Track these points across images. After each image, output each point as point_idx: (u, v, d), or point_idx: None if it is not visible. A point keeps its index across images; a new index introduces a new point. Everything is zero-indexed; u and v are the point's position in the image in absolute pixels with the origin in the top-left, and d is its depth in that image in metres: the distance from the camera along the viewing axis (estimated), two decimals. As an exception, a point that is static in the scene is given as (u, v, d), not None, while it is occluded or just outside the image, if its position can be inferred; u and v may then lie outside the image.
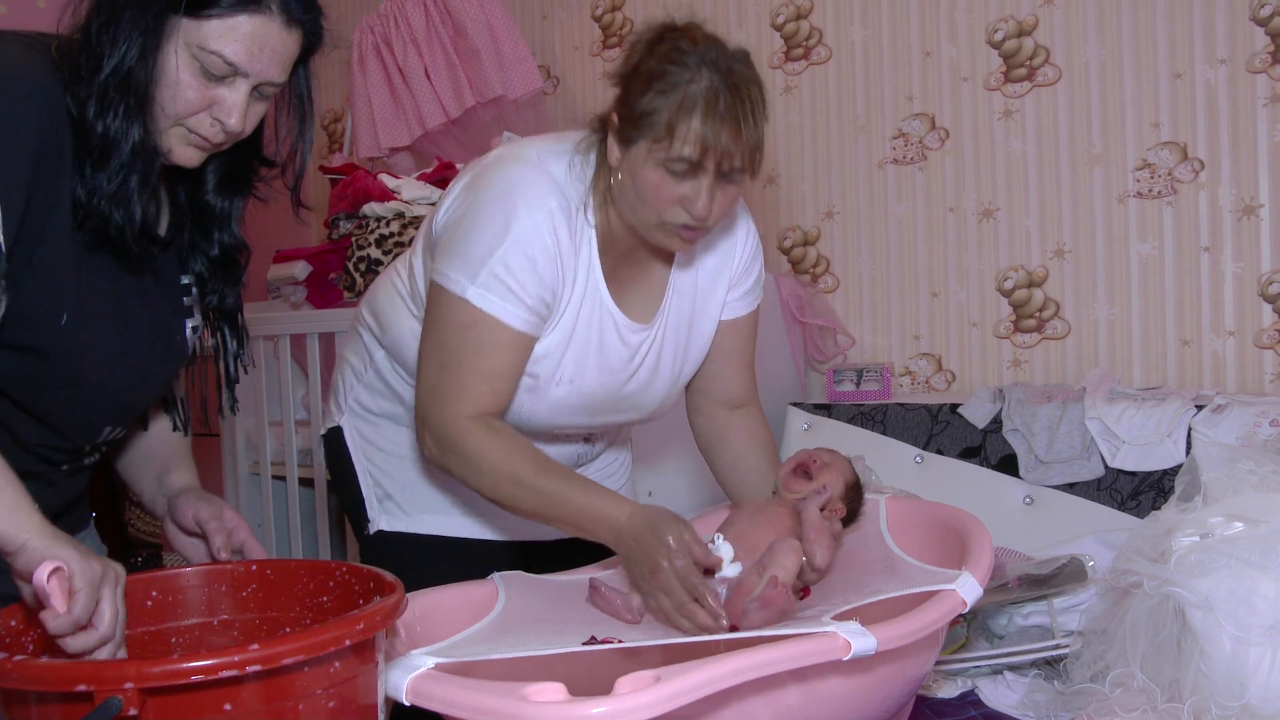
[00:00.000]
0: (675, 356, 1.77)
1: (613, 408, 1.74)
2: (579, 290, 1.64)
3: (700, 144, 1.48)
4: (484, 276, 1.55)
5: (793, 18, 3.23)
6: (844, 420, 2.77)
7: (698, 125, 1.48)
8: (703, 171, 1.51)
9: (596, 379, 1.68)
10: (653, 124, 1.50)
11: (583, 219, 1.62)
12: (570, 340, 1.65)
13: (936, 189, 3.04)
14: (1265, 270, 2.65)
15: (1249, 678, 1.47)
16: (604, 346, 1.67)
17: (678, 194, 1.52)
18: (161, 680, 0.93)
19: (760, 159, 1.57)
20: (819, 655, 1.22)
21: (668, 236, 1.58)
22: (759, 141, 1.54)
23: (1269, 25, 2.61)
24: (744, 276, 1.81)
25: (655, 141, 1.50)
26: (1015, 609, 1.97)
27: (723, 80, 1.51)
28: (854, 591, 1.53)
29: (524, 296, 1.56)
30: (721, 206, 1.55)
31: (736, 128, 1.50)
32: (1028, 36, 2.91)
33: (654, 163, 1.51)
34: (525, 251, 1.55)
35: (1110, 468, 2.44)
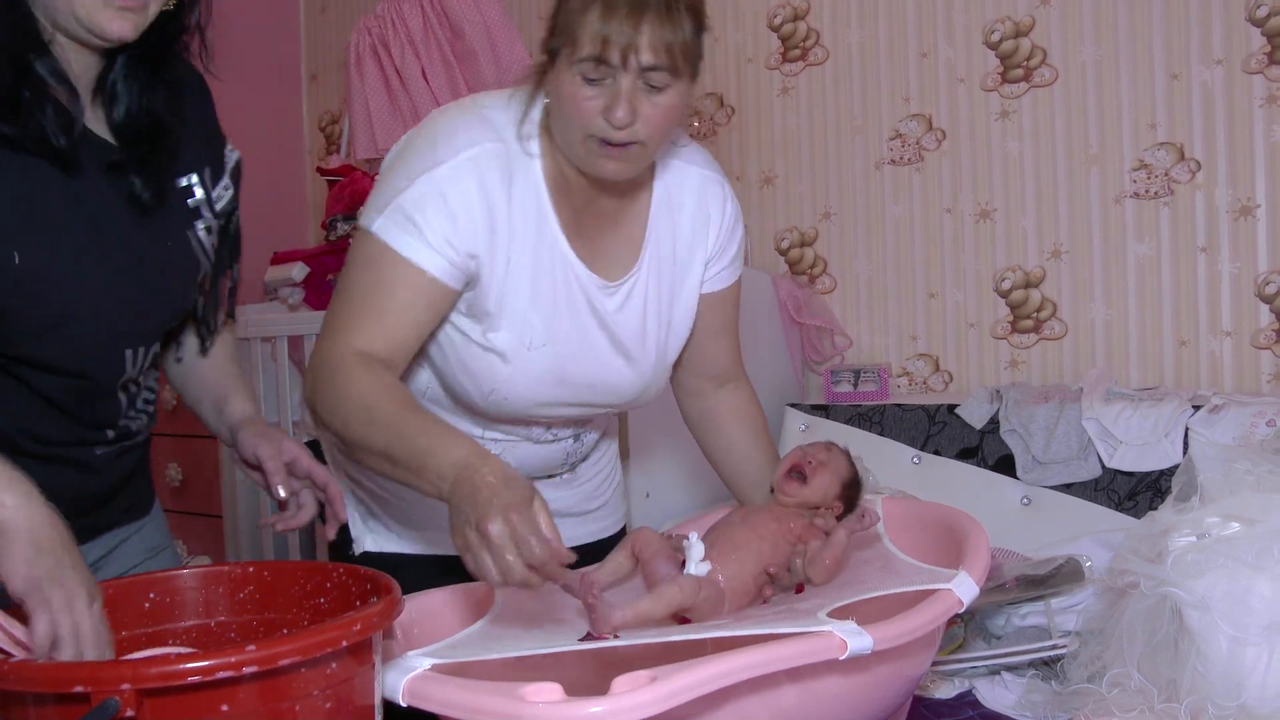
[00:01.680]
0: (659, 326, 1.69)
1: (597, 381, 1.65)
2: (529, 242, 1.54)
3: (601, 40, 1.39)
4: (390, 210, 1.48)
5: (790, 19, 3.24)
6: (841, 421, 2.77)
7: (596, 19, 1.39)
8: (616, 72, 1.41)
9: (572, 342, 1.60)
10: (564, 27, 1.43)
11: (524, 158, 1.53)
12: (533, 298, 1.56)
13: (933, 190, 3.05)
14: (1262, 270, 2.66)
15: (1246, 678, 1.46)
16: (573, 305, 1.59)
17: (595, 103, 1.43)
18: (158, 681, 0.93)
19: (685, 59, 1.44)
20: (815, 654, 1.22)
21: (593, 157, 1.48)
22: (678, 39, 1.41)
23: (1265, 26, 2.62)
24: (725, 248, 1.74)
25: (567, 47, 1.43)
26: (1013, 609, 1.97)
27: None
28: (850, 589, 1.53)
29: (431, 237, 1.47)
30: (652, 119, 1.44)
31: (638, 19, 1.39)
32: (1024, 37, 2.91)
33: (568, 70, 1.43)
34: (439, 192, 1.47)
35: (1107, 468, 2.44)
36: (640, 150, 1.48)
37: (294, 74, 4.32)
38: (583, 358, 1.62)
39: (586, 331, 1.61)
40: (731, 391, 1.85)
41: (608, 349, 1.64)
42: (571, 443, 1.78)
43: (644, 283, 1.65)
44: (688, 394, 1.86)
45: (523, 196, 1.53)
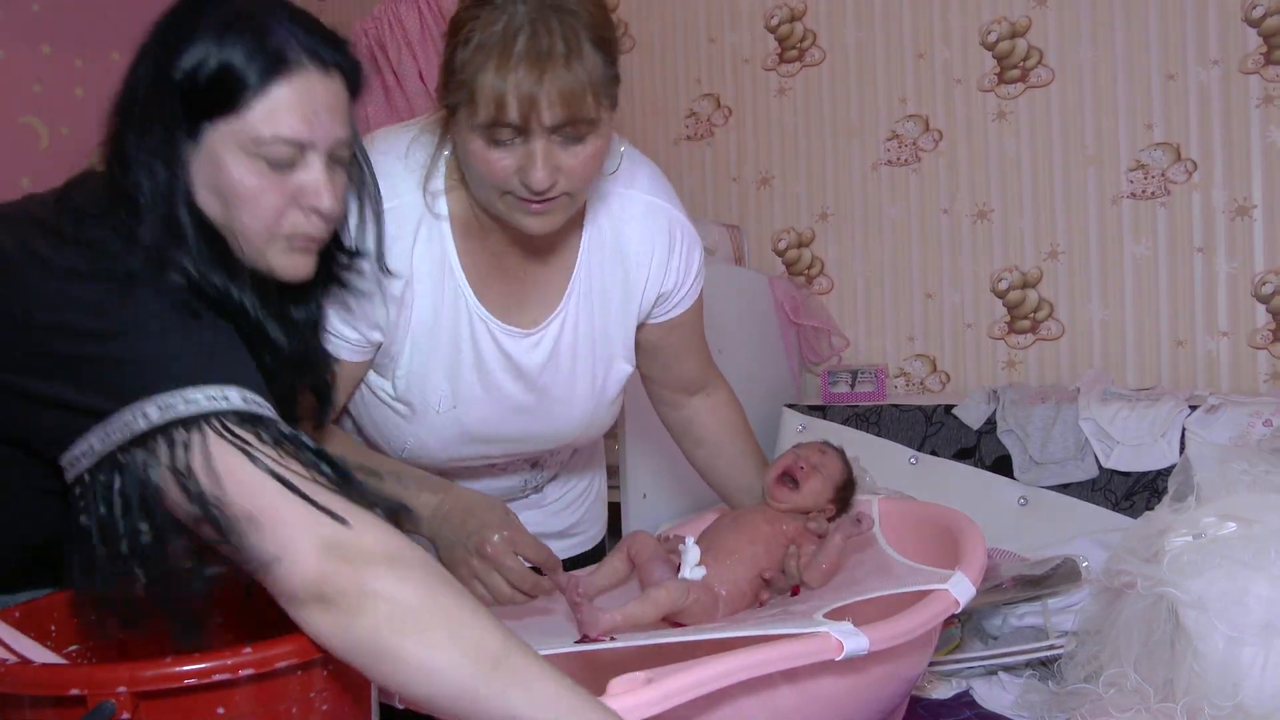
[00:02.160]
0: (594, 364, 1.57)
1: (520, 433, 1.57)
2: (430, 302, 1.44)
3: (496, 103, 1.23)
4: None
5: (786, 20, 3.24)
6: (838, 421, 2.77)
7: (491, 79, 1.23)
8: (524, 133, 1.26)
9: (483, 404, 1.51)
10: (457, 86, 1.27)
11: (428, 218, 1.42)
12: (438, 361, 1.47)
13: (930, 190, 3.05)
14: (1259, 271, 2.66)
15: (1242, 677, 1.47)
16: (481, 362, 1.49)
17: (507, 165, 1.29)
18: (154, 684, 0.93)
19: (599, 100, 1.28)
20: (811, 655, 1.22)
21: (514, 213, 1.34)
22: (582, 82, 1.24)
23: (1262, 26, 2.62)
24: (684, 278, 1.61)
25: (465, 107, 1.27)
26: (1010, 610, 1.97)
27: (529, 10, 1.24)
28: (846, 590, 1.53)
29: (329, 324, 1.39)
30: (574, 170, 1.31)
31: (539, 72, 1.22)
32: (1021, 38, 2.91)
33: (472, 132, 1.28)
34: None
35: (1104, 468, 2.44)
36: (567, 201, 1.36)
37: (291, 76, 4.32)
38: (496, 413, 1.53)
39: (498, 384, 1.51)
40: (706, 397, 1.80)
41: (527, 399, 1.54)
42: (528, 470, 1.72)
43: (571, 324, 1.53)
44: (663, 404, 1.81)
45: (425, 250, 1.43)
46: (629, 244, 1.55)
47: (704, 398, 1.80)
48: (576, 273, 1.52)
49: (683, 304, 1.65)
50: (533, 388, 1.54)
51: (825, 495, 1.69)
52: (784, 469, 1.69)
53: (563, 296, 1.52)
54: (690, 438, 1.82)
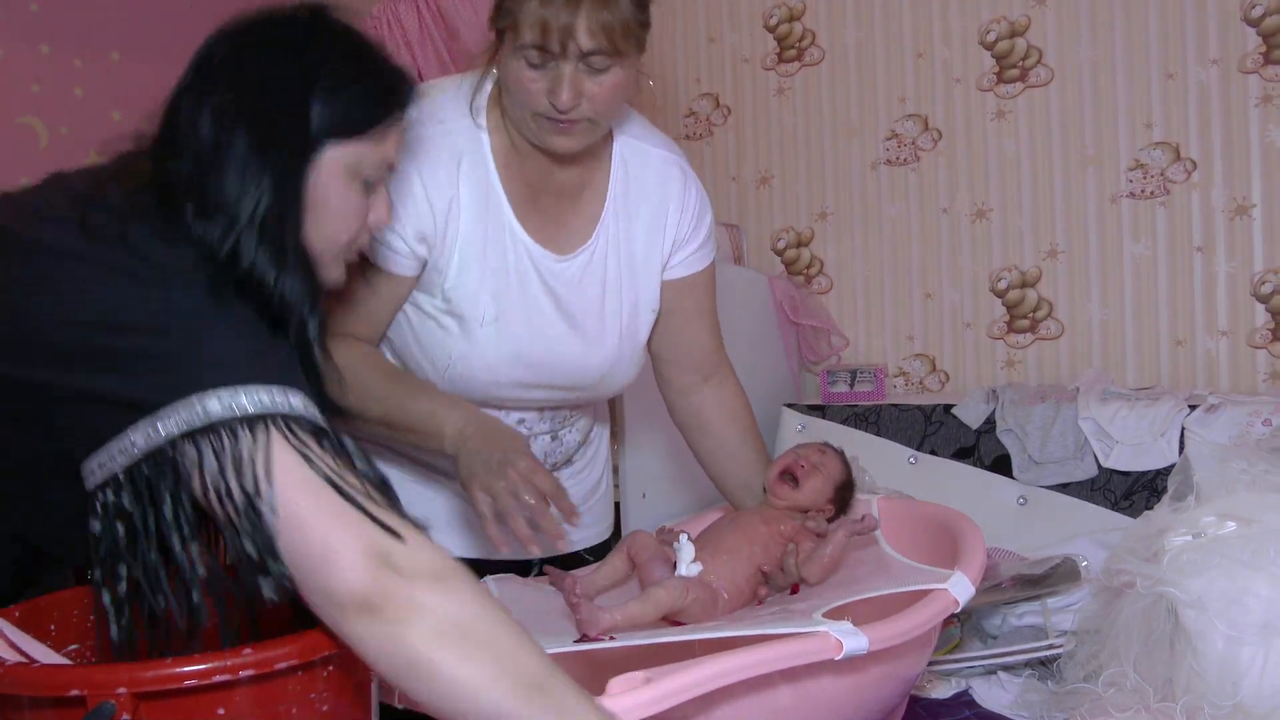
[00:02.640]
0: (620, 303, 1.68)
1: (554, 360, 1.65)
2: (476, 219, 1.58)
3: (540, 27, 1.41)
4: None
5: (786, 19, 3.24)
6: (838, 421, 2.78)
7: (535, 5, 1.41)
8: (557, 57, 1.43)
9: (522, 317, 1.61)
10: (507, 10, 1.45)
11: (473, 142, 1.57)
12: (482, 274, 1.58)
13: (930, 190, 3.05)
14: (1258, 270, 2.66)
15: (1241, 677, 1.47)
16: (523, 279, 1.61)
17: (539, 86, 1.46)
18: (154, 685, 0.93)
19: (626, 39, 1.46)
20: (811, 655, 1.22)
21: (543, 132, 1.51)
22: (616, 20, 1.44)
23: (1260, 26, 2.62)
24: (694, 232, 1.73)
25: (510, 32, 1.45)
26: (1009, 609, 1.97)
27: None
28: (845, 589, 1.53)
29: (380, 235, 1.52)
30: (597, 97, 1.48)
31: (575, 4, 1.41)
32: (1020, 37, 2.92)
33: (513, 55, 1.46)
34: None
35: (1104, 468, 2.44)
36: (589, 126, 1.52)
37: (290, 75, 4.33)
38: (535, 333, 1.62)
39: (539, 305, 1.62)
40: (717, 387, 1.82)
41: (562, 325, 1.64)
42: (549, 440, 1.77)
43: (600, 257, 1.66)
44: (673, 390, 1.84)
45: (470, 175, 1.57)
46: (651, 190, 1.70)
47: (714, 388, 1.82)
48: (606, 210, 1.66)
49: (692, 264, 1.75)
50: (565, 311, 1.64)
51: (825, 495, 1.69)
52: (785, 467, 1.69)
53: (593, 231, 1.65)
54: (696, 428, 1.84)
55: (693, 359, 1.80)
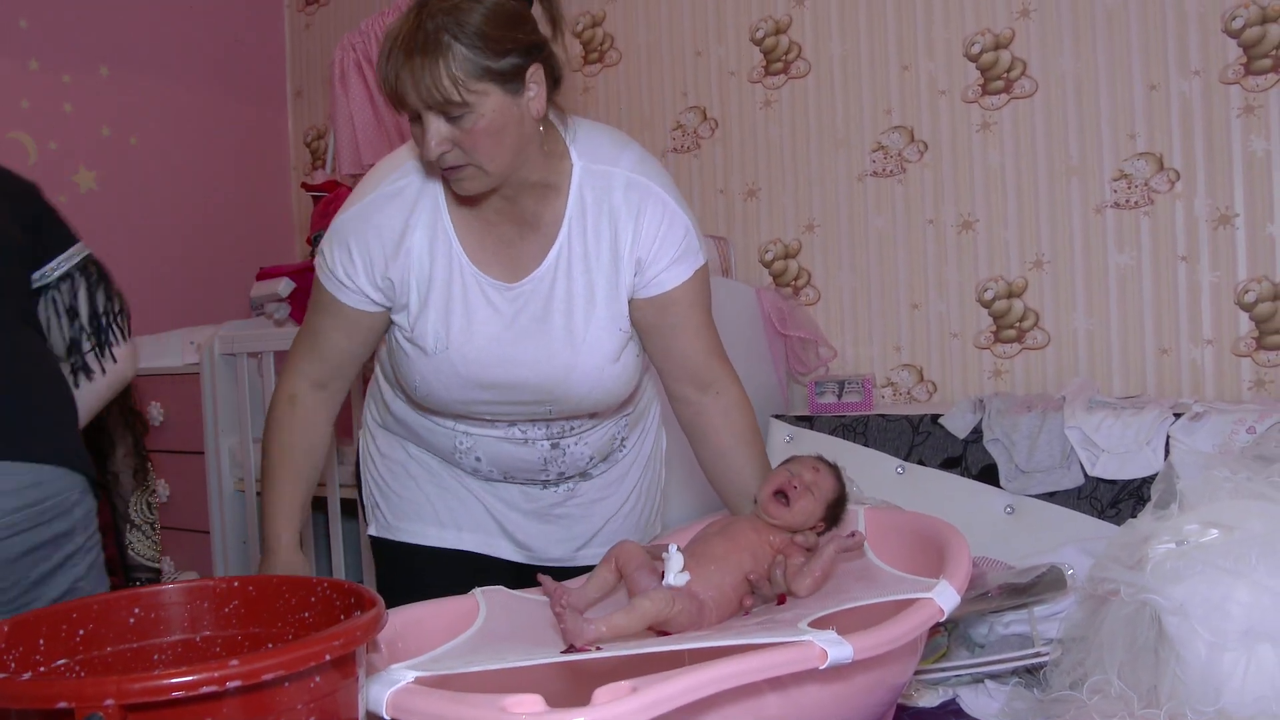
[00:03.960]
0: (575, 321, 1.71)
1: (516, 379, 1.72)
2: (428, 258, 1.70)
3: (389, 89, 1.52)
4: (322, 245, 1.75)
5: (772, 32, 3.26)
6: (826, 432, 2.79)
7: (384, 69, 1.51)
8: (416, 113, 1.52)
9: (472, 341, 1.71)
10: None
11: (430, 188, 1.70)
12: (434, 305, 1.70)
13: (916, 201, 3.07)
14: (1241, 279, 2.68)
15: (1224, 683, 1.48)
16: (470, 308, 1.71)
17: (420, 138, 1.55)
18: (142, 696, 0.94)
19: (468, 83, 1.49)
20: (795, 664, 1.23)
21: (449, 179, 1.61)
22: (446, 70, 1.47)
23: (1241, 37, 2.64)
24: (658, 255, 1.72)
25: None
26: (996, 618, 1.98)
27: (415, 12, 1.50)
28: (831, 598, 1.54)
29: (337, 271, 1.72)
30: (467, 142, 1.53)
31: (410, 61, 1.48)
32: (1004, 50, 2.93)
33: None
34: (343, 235, 1.70)
35: (1090, 476, 2.45)
36: (476, 171, 1.58)
37: (279, 90, 4.34)
38: (486, 355, 1.72)
39: (488, 330, 1.71)
40: (717, 397, 1.83)
41: (511, 346, 1.72)
42: (548, 448, 1.83)
43: (550, 281, 1.71)
44: (677, 401, 1.86)
45: (423, 219, 1.70)
46: (616, 212, 1.71)
47: (713, 397, 1.83)
48: (559, 239, 1.71)
49: (665, 281, 1.73)
50: (516, 332, 1.72)
51: (816, 514, 1.70)
52: (778, 486, 1.70)
53: (545, 257, 1.71)
54: (697, 437, 1.86)
55: (685, 370, 1.81)
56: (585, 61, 3.59)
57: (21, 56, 3.55)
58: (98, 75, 3.73)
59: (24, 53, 3.55)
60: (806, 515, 1.69)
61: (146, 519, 2.82)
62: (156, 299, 2.77)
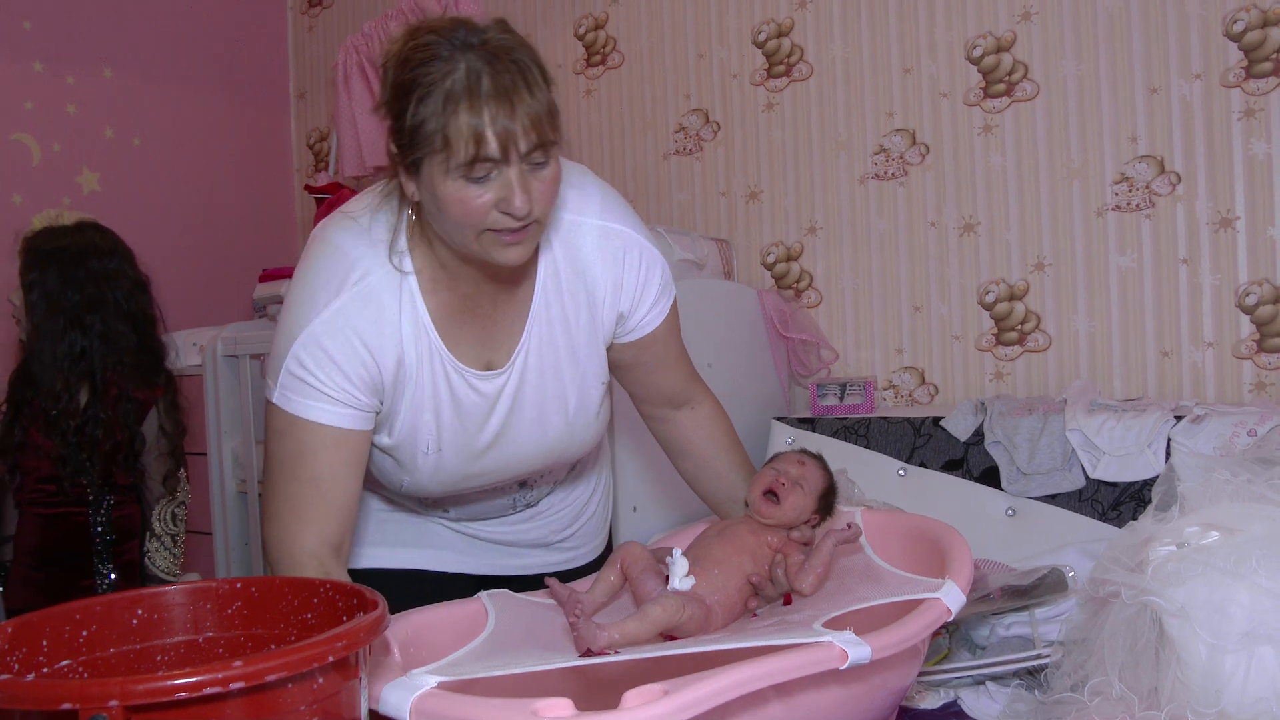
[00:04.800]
0: (572, 389, 1.64)
1: (504, 462, 1.64)
2: (410, 357, 1.52)
3: (476, 139, 1.32)
4: (282, 377, 1.47)
5: (774, 35, 3.26)
6: (827, 434, 2.79)
7: (467, 119, 1.32)
8: (501, 164, 1.35)
9: (462, 437, 1.58)
10: (426, 137, 1.35)
11: (397, 283, 1.50)
12: (420, 407, 1.55)
13: (918, 204, 3.07)
14: (1242, 282, 2.68)
15: (1225, 685, 1.48)
16: (458, 403, 1.57)
17: (486, 200, 1.36)
18: (146, 698, 0.94)
19: (553, 126, 1.38)
20: (817, 665, 1.22)
21: (493, 248, 1.41)
22: (543, 109, 1.35)
23: (1242, 40, 2.65)
24: (639, 303, 1.66)
25: (436, 154, 1.35)
26: (997, 620, 1.98)
27: (480, 57, 1.34)
28: (838, 599, 1.54)
29: (328, 389, 1.46)
30: (542, 194, 1.39)
31: (510, 104, 1.32)
32: (1006, 53, 2.94)
33: (447, 176, 1.36)
34: (319, 348, 1.45)
35: (1091, 479, 2.46)
36: (536, 229, 1.44)
37: (282, 93, 4.34)
38: (477, 447, 1.60)
39: (476, 421, 1.59)
40: (691, 411, 1.83)
41: (501, 431, 1.61)
42: (516, 489, 1.79)
43: (535, 353, 1.60)
44: (650, 419, 1.85)
45: (399, 318, 1.50)
46: (589, 267, 1.61)
47: (689, 411, 1.82)
48: (535, 303, 1.59)
49: (647, 324, 1.69)
50: (505, 417, 1.60)
51: (808, 508, 1.70)
52: (767, 486, 1.70)
53: (524, 329, 1.59)
54: (677, 451, 1.85)
55: (664, 395, 1.81)
56: (588, 64, 3.59)
57: (25, 58, 3.55)
58: (101, 77, 3.74)
59: (28, 54, 3.56)
60: (799, 510, 1.70)
61: (169, 530, 2.82)
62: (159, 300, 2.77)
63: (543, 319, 1.59)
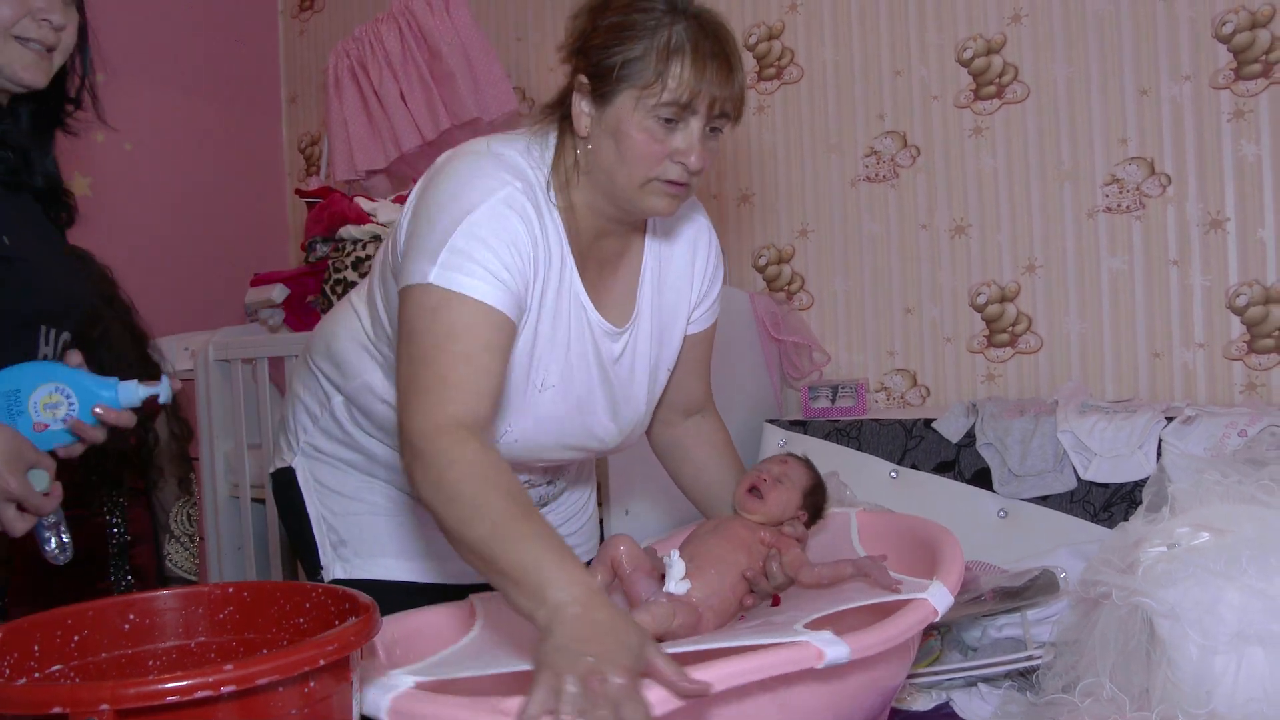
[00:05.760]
0: (648, 375, 1.69)
1: (586, 430, 1.65)
2: (552, 284, 1.54)
3: (690, 88, 1.43)
4: (444, 255, 1.42)
5: (765, 38, 3.27)
6: (819, 436, 2.79)
7: (688, 69, 1.43)
8: (694, 117, 1.45)
9: (578, 387, 1.60)
10: (639, 70, 1.43)
11: (547, 202, 1.53)
12: (551, 340, 1.55)
13: (909, 206, 3.08)
14: (1233, 283, 2.69)
15: (1215, 685, 1.49)
16: (583, 350, 1.59)
17: (668, 146, 1.45)
18: (137, 701, 0.94)
19: (744, 107, 1.52)
20: (793, 664, 1.23)
21: (653, 196, 1.49)
22: (741, 87, 1.50)
23: (1231, 42, 2.66)
24: (710, 290, 1.76)
25: (644, 89, 1.43)
26: (989, 621, 1.99)
27: (698, 25, 1.46)
28: (825, 599, 1.54)
29: (491, 268, 1.42)
30: (707, 159, 1.49)
31: (727, 71, 1.46)
32: (996, 55, 2.95)
33: (644, 112, 1.44)
34: (488, 230, 1.43)
35: (1083, 480, 2.46)
36: (689, 190, 1.53)
37: (273, 96, 4.34)
38: (579, 404, 1.62)
39: (589, 378, 1.61)
40: (700, 421, 1.87)
41: (602, 397, 1.64)
42: (545, 488, 1.81)
43: (644, 329, 1.67)
44: (659, 424, 1.86)
45: (548, 239, 1.52)
46: (680, 249, 1.72)
47: (697, 422, 1.86)
48: (643, 278, 1.67)
49: (704, 320, 1.78)
50: (608, 383, 1.64)
51: (793, 502, 1.71)
52: (750, 484, 1.73)
53: (635, 301, 1.66)
54: (677, 456, 1.87)
55: (682, 404, 1.84)
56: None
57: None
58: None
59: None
60: (783, 505, 1.71)
61: (185, 530, 2.83)
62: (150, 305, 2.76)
63: (649, 289, 1.68)
